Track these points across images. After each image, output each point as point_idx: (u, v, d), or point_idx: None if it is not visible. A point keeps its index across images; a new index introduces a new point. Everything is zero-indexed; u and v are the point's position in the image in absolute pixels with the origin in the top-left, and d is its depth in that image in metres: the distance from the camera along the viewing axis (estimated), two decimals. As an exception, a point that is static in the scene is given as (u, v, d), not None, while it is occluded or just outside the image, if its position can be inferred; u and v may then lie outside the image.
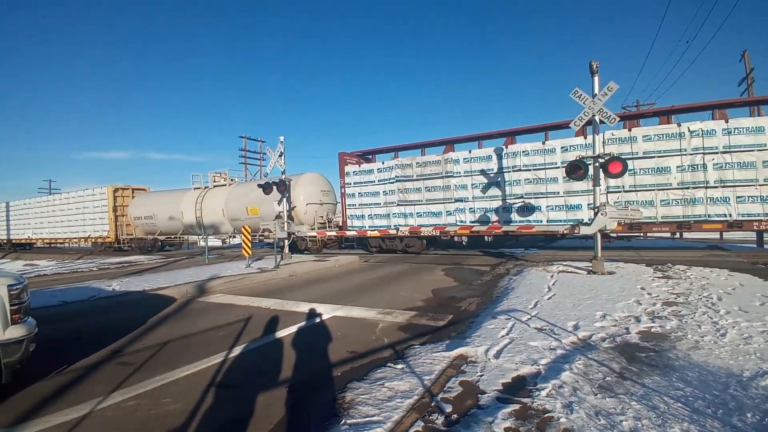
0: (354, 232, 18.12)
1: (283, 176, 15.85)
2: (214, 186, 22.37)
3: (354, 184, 18.58)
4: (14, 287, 3.85)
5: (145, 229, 24.46)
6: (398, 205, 17.30)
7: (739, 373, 3.63)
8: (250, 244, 14.28)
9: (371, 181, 18.13)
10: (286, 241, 16.08)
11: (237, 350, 5.15)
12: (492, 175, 15.11)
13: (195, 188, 22.85)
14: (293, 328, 6.13)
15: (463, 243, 17.55)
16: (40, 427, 3.30)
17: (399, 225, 17.19)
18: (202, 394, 3.84)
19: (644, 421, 2.84)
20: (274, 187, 15.35)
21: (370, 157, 20.04)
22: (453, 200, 16.02)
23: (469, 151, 15.85)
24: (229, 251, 23.69)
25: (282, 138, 15.73)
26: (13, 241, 33.16)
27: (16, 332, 3.78)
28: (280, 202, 15.74)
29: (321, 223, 18.87)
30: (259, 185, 16.06)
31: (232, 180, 22.85)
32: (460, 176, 15.83)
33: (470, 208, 15.64)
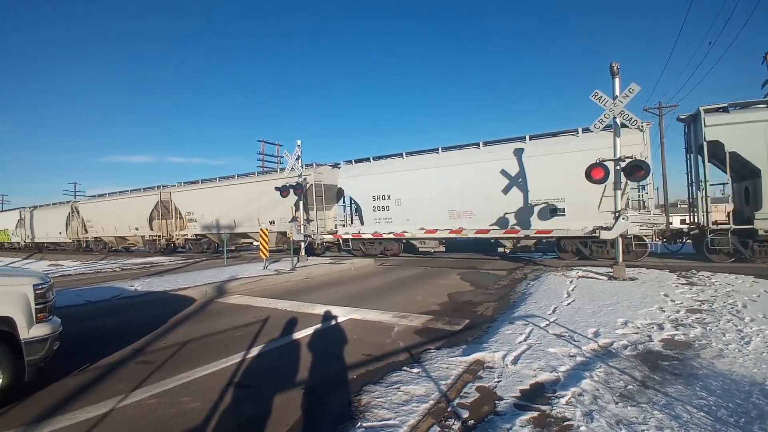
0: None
1: (300, 179, 16.00)
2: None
3: None
4: (40, 287, 3.95)
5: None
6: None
7: (762, 381, 3.54)
8: (267, 247, 14.43)
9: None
10: (302, 243, 16.21)
11: (255, 351, 5.20)
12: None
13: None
14: (309, 330, 6.16)
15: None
16: (63, 424, 3.37)
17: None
18: (220, 393, 3.89)
19: (666, 431, 2.77)
20: (291, 190, 15.50)
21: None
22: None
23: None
24: (246, 253, 23.99)
25: (299, 142, 15.91)
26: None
27: (40, 330, 3.87)
28: (296, 204, 15.88)
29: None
30: (276, 188, 16.25)
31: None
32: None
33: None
